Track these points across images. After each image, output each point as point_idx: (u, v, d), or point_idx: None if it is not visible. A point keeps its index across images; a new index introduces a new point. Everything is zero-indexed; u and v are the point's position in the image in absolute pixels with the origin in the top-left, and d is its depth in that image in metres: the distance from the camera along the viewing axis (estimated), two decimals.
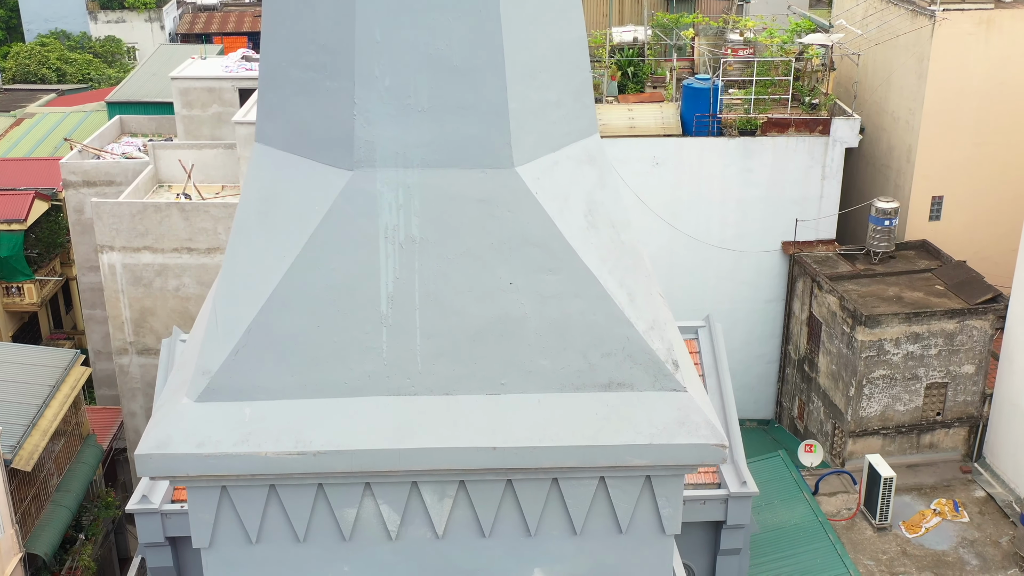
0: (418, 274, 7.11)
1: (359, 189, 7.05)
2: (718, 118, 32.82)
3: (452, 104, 7.01)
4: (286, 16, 7.24)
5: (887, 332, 30.20)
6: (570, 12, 7.50)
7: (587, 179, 7.57)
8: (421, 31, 6.89)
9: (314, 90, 7.16)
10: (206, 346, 7.18)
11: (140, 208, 33.60)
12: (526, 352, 7.22)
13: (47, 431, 31.01)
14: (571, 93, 7.55)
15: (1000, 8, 33.77)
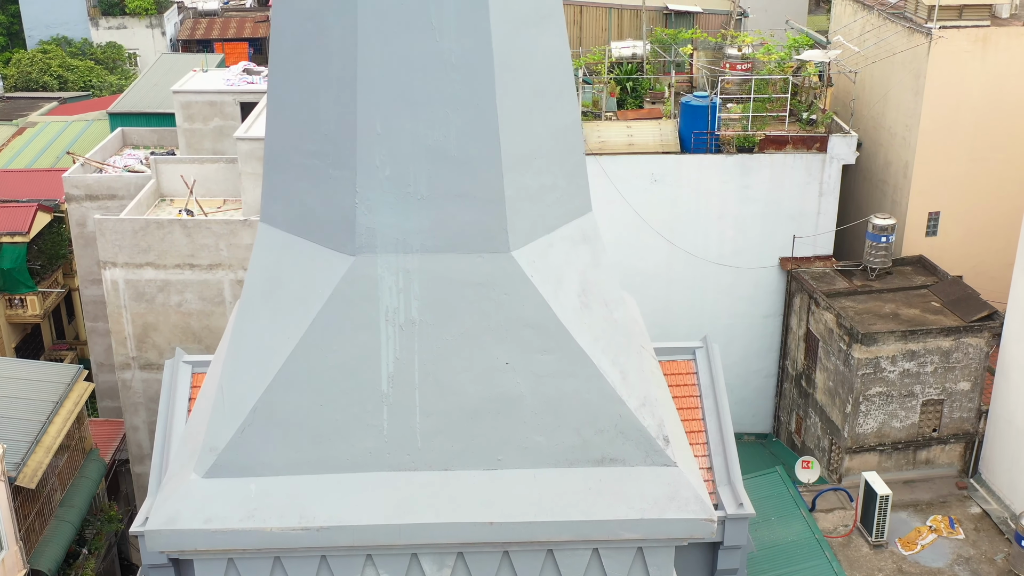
0: (418, 355, 7.37)
1: (361, 274, 7.31)
2: (716, 135, 33.06)
3: (450, 192, 7.27)
4: (290, 104, 7.50)
5: (883, 350, 30.45)
6: (564, 98, 7.76)
7: (581, 259, 7.83)
8: (420, 123, 7.15)
9: (317, 176, 7.42)
10: (213, 423, 7.44)
11: (143, 225, 33.84)
12: (522, 429, 7.48)
13: (51, 448, 31.26)
14: (565, 175, 7.81)
15: (996, 26, 33.99)
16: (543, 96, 7.55)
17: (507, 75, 7.20)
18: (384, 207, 7.25)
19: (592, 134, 33.40)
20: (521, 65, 7.30)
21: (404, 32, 7.01)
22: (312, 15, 7.20)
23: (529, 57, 7.37)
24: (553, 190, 7.70)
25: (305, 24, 7.26)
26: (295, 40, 7.34)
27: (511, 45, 7.19)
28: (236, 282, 34.42)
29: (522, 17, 7.27)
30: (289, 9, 7.34)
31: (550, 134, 7.63)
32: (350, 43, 7.04)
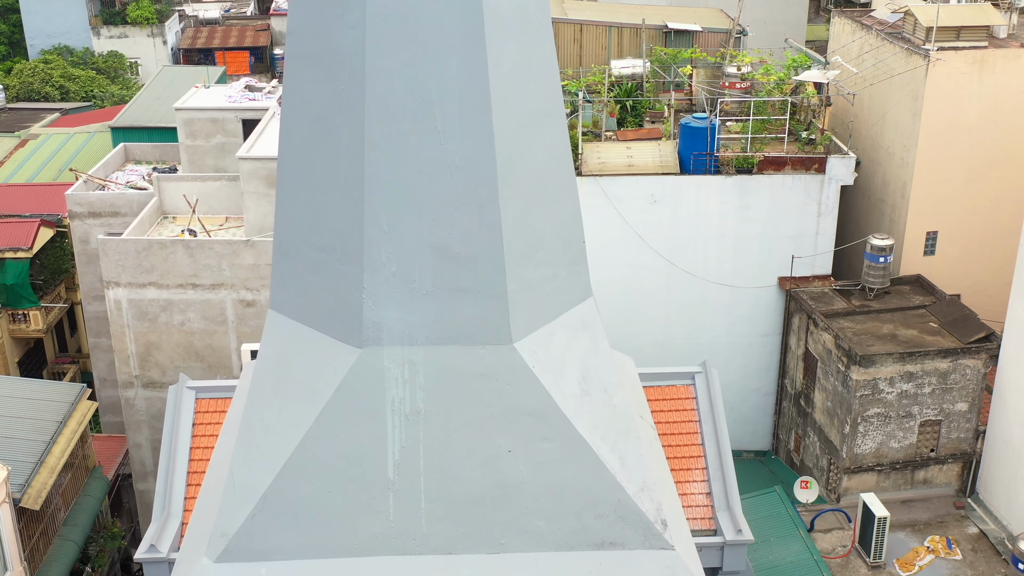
0: (423, 443, 7.60)
1: (368, 365, 7.54)
2: (715, 156, 33.28)
3: (454, 287, 7.51)
4: (299, 199, 7.73)
5: (881, 371, 30.68)
6: (565, 190, 7.99)
7: (581, 346, 8.06)
8: (425, 221, 7.38)
9: (325, 270, 7.65)
10: (224, 508, 7.67)
11: (145, 245, 34.08)
12: (524, 514, 7.71)
13: (55, 468, 31.50)
14: (566, 265, 8.04)
15: (994, 47, 34.22)
16: (544, 190, 7.78)
17: (509, 174, 7.43)
18: (390, 302, 7.48)
19: (592, 155, 33.63)
20: (523, 163, 7.53)
21: (410, 135, 7.24)
22: (320, 116, 7.43)
23: (530, 155, 7.60)
24: (554, 280, 7.93)
25: (313, 124, 7.49)
26: (303, 139, 7.56)
27: (513, 145, 7.42)
28: (238, 301, 34.67)
29: (524, 118, 7.50)
30: (298, 109, 7.57)
31: (551, 227, 7.86)
32: (357, 145, 7.27)
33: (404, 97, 7.18)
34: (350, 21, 7.11)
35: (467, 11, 7.07)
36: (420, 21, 7.07)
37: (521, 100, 7.46)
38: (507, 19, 7.27)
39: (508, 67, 7.31)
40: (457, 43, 7.12)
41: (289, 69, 7.58)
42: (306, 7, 7.34)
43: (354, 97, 7.21)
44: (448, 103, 7.19)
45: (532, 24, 7.48)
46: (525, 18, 7.42)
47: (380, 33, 7.08)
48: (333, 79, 7.29)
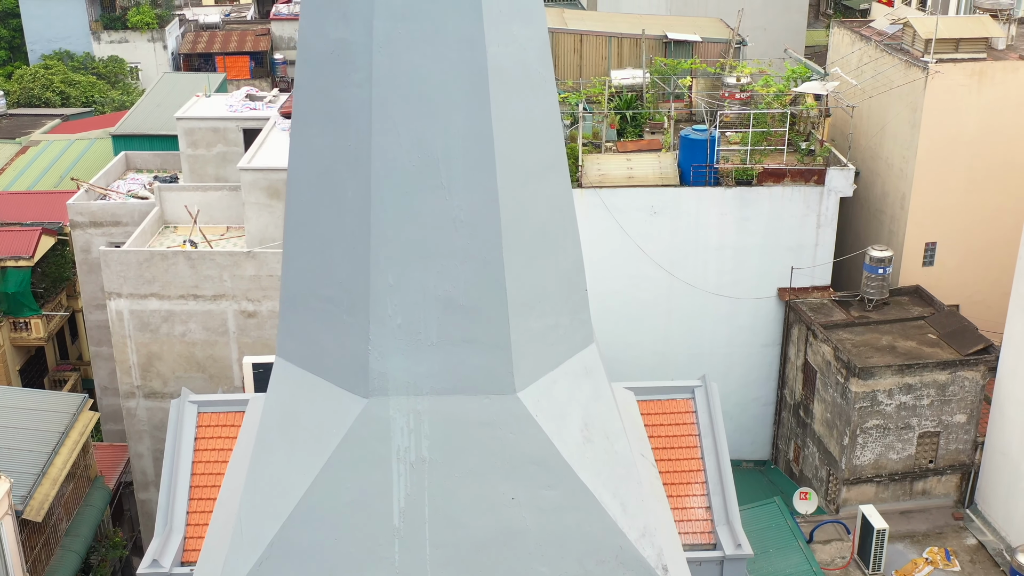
0: (427, 491, 7.72)
1: (374, 415, 7.66)
2: (715, 168, 33.41)
3: (458, 338, 7.63)
4: (306, 249, 7.86)
5: (880, 383, 30.80)
6: (568, 239, 8.11)
7: (583, 393, 8.18)
8: (430, 275, 7.51)
9: (332, 320, 7.77)
10: (231, 556, 7.79)
11: (147, 256, 34.21)
12: (527, 561, 7.83)
13: (57, 479, 31.62)
14: (569, 313, 8.16)
15: (992, 59, 34.35)
16: (547, 241, 7.90)
17: (513, 227, 7.55)
18: (396, 353, 7.60)
19: (592, 167, 33.76)
20: (526, 216, 7.65)
21: (415, 190, 7.36)
22: (327, 171, 7.55)
23: (533, 208, 7.73)
24: (556, 329, 8.05)
25: (320, 178, 7.61)
26: (311, 192, 7.68)
27: (516, 199, 7.55)
28: (239, 312, 34.80)
29: (527, 171, 7.63)
30: (305, 163, 7.69)
31: (554, 277, 7.98)
32: (364, 199, 7.39)
33: (410, 153, 7.30)
34: (356, 80, 7.23)
35: (472, 70, 7.20)
36: (425, 80, 7.19)
37: (524, 154, 7.58)
38: (511, 76, 7.39)
39: (512, 123, 7.43)
40: (462, 101, 7.24)
41: (296, 123, 7.71)
42: (313, 64, 7.46)
43: (361, 153, 7.34)
44: (453, 159, 7.32)
45: (535, 80, 7.60)
46: (528, 74, 7.54)
47: (386, 91, 7.20)
48: (340, 135, 7.41)
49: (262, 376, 29.26)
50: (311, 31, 7.43)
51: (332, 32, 7.29)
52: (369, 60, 7.16)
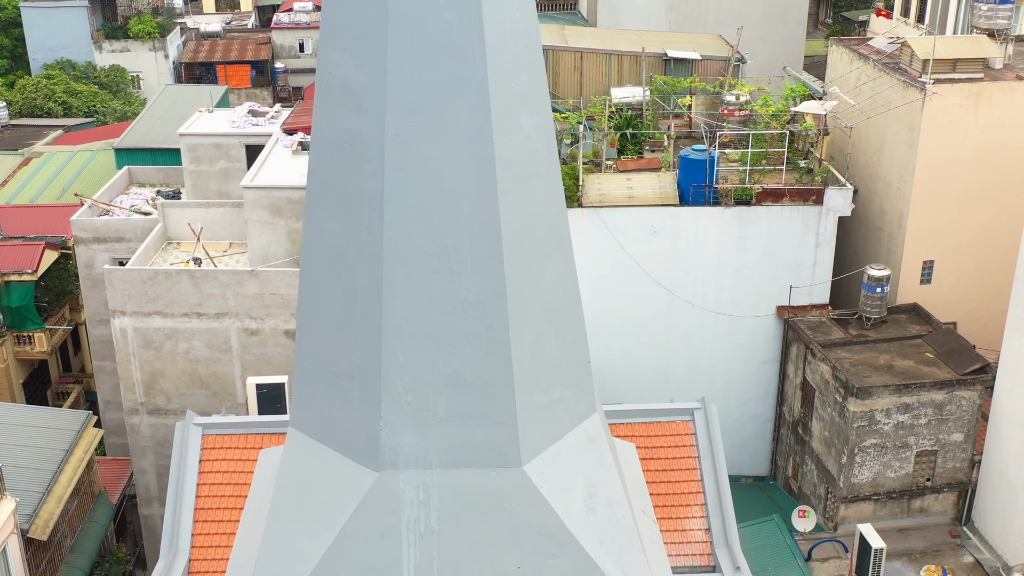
0: (436, 560, 8.01)
1: (385, 488, 7.95)
2: (714, 188, 33.69)
3: (466, 414, 7.91)
4: (320, 327, 8.13)
5: (878, 403, 31.09)
6: (572, 315, 8.39)
7: (587, 462, 8.46)
8: (440, 355, 7.79)
9: (344, 396, 8.05)
10: None
11: (151, 275, 34.49)
12: None
13: (62, 497, 31.88)
14: (572, 386, 8.44)
15: (990, 79, 34.63)
16: (552, 318, 8.18)
17: (519, 308, 7.83)
18: (406, 429, 7.88)
19: (592, 186, 34.04)
20: (532, 296, 7.93)
21: (425, 274, 7.64)
22: (340, 254, 7.83)
23: (539, 287, 8.01)
24: (561, 401, 8.33)
25: (334, 261, 7.88)
26: (324, 273, 7.96)
27: (523, 281, 7.83)
28: (242, 330, 35.07)
29: (533, 254, 7.91)
30: (319, 245, 7.97)
31: (559, 352, 8.26)
32: (376, 282, 7.67)
33: (420, 240, 7.58)
34: (369, 169, 7.51)
35: (480, 161, 7.48)
36: (436, 170, 7.47)
37: (530, 237, 7.86)
38: (517, 164, 7.67)
39: (518, 208, 7.71)
40: (471, 190, 7.52)
41: (310, 207, 7.98)
42: (327, 152, 7.74)
43: (373, 239, 7.62)
44: (462, 245, 7.60)
45: (540, 165, 7.89)
46: (534, 161, 7.82)
47: (398, 181, 7.49)
48: (353, 220, 7.69)
49: (266, 396, 29.53)
50: (325, 120, 7.71)
51: (346, 123, 7.57)
52: (381, 151, 7.45)
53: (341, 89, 7.54)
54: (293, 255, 36.17)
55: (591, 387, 8.68)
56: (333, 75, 7.57)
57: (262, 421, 27.31)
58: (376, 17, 7.27)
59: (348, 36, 7.44)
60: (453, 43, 7.29)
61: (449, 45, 7.29)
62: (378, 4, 7.24)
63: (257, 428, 26.94)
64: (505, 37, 7.44)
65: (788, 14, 57.55)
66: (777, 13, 57.36)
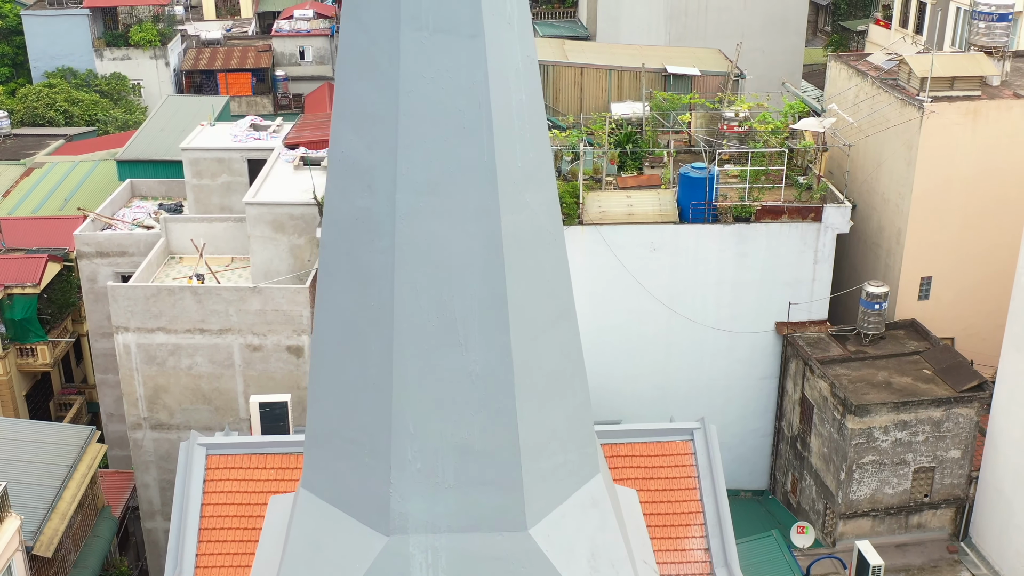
0: None
1: (394, 552, 8.18)
2: (714, 205, 33.93)
3: (474, 480, 8.15)
4: (331, 394, 8.37)
5: (876, 420, 31.34)
6: (576, 380, 8.62)
7: (590, 523, 8.70)
8: (448, 423, 8.03)
9: (355, 461, 8.29)
10: None
11: (154, 291, 34.73)
12: None
13: (66, 513, 32.11)
14: (576, 449, 8.68)
15: (987, 97, 34.88)
16: (557, 385, 8.42)
17: (525, 377, 8.07)
18: (415, 495, 8.12)
19: (593, 204, 34.28)
20: (538, 366, 8.17)
21: (434, 347, 7.87)
22: (351, 325, 8.06)
23: (545, 357, 8.24)
24: (565, 465, 8.57)
25: (345, 331, 8.12)
26: (336, 343, 8.20)
27: (529, 351, 8.06)
28: (245, 346, 35.31)
29: (539, 325, 8.14)
30: (331, 316, 8.20)
31: (563, 417, 8.50)
32: (386, 354, 7.90)
33: (430, 314, 7.82)
34: (380, 246, 7.75)
35: (488, 238, 7.72)
36: (445, 248, 7.71)
37: (536, 309, 8.10)
38: (524, 239, 7.91)
39: (524, 282, 7.95)
40: (479, 266, 7.76)
41: (323, 278, 8.22)
42: (339, 227, 7.98)
43: (384, 312, 7.85)
44: (469, 319, 7.83)
45: (546, 238, 8.13)
46: (540, 235, 8.06)
47: (408, 257, 7.72)
48: (364, 294, 7.93)
49: (269, 415, 29.77)
50: (337, 196, 7.95)
51: (358, 200, 7.81)
52: (392, 229, 7.68)
53: (353, 168, 7.78)
54: (295, 271, 36.43)
55: (594, 448, 8.91)
56: (345, 154, 7.81)
57: (266, 441, 27.56)
58: (387, 100, 7.50)
59: (360, 117, 7.68)
60: (462, 126, 7.52)
61: (458, 128, 7.53)
62: (389, 88, 7.48)
63: (261, 448, 27.18)
64: (512, 118, 7.68)
65: (787, 25, 57.76)
66: (776, 24, 57.56)
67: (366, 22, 7.47)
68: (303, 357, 35.27)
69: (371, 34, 7.47)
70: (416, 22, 7.32)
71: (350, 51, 7.63)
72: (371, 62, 7.52)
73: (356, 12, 7.53)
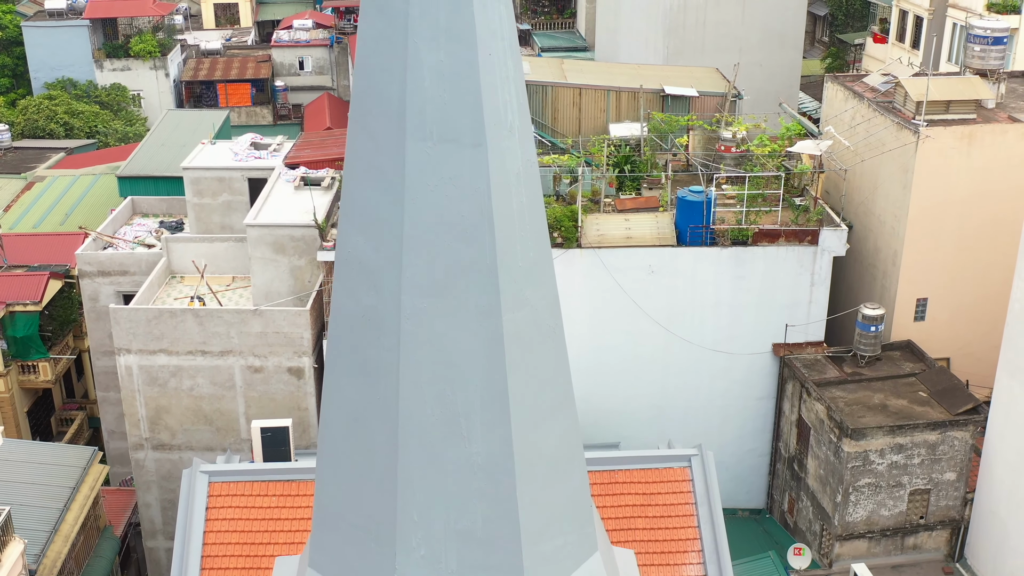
0: None
1: None
2: (711, 229, 34.22)
3: (476, 566, 8.42)
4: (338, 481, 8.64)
5: (872, 443, 31.62)
6: (575, 462, 8.90)
7: None
8: (451, 512, 8.30)
9: (361, 545, 8.56)
10: None
11: (156, 314, 34.98)
12: None
13: (69, 536, 32.37)
14: (576, 530, 8.95)
15: (982, 121, 35.16)
16: (556, 470, 8.69)
17: (525, 467, 8.34)
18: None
19: (591, 227, 34.56)
20: (538, 455, 8.44)
21: (438, 440, 8.15)
22: (358, 417, 8.33)
23: (544, 446, 8.51)
24: (565, 547, 8.84)
25: (352, 423, 8.39)
26: (343, 433, 8.47)
27: (529, 441, 8.34)
28: (246, 368, 35.56)
29: (539, 416, 8.41)
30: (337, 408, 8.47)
31: (562, 501, 8.77)
32: (391, 446, 8.18)
33: (433, 408, 8.09)
34: (386, 344, 8.02)
35: (489, 335, 7.99)
36: (448, 346, 7.98)
37: (536, 401, 8.37)
38: (524, 336, 8.18)
39: (525, 376, 8.22)
40: (481, 363, 8.03)
41: (330, 371, 8.49)
42: (346, 323, 8.25)
43: (389, 406, 8.13)
44: (472, 412, 8.11)
45: (545, 332, 8.40)
46: (540, 329, 8.33)
47: (412, 355, 8.00)
48: (370, 388, 8.20)
49: (270, 440, 30.02)
50: (344, 295, 8.22)
51: (364, 299, 8.09)
52: (397, 328, 7.96)
53: (360, 268, 8.05)
54: (296, 292, 36.68)
55: (592, 529, 9.18)
56: (352, 254, 8.08)
57: (267, 468, 27.83)
58: (393, 205, 7.78)
59: (367, 220, 7.95)
60: (465, 230, 7.80)
61: (461, 232, 7.80)
62: (395, 194, 7.75)
63: (263, 476, 27.45)
64: (513, 220, 7.95)
65: (785, 39, 57.97)
66: (774, 38, 57.77)
67: (373, 130, 7.75)
68: (304, 378, 35.55)
69: (377, 142, 7.76)
70: (421, 132, 7.60)
71: (358, 157, 7.91)
72: (378, 169, 7.80)
73: (363, 120, 7.81)
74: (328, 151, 42.94)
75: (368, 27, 7.60)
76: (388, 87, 7.58)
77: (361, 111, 7.79)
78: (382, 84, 7.61)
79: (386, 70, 7.57)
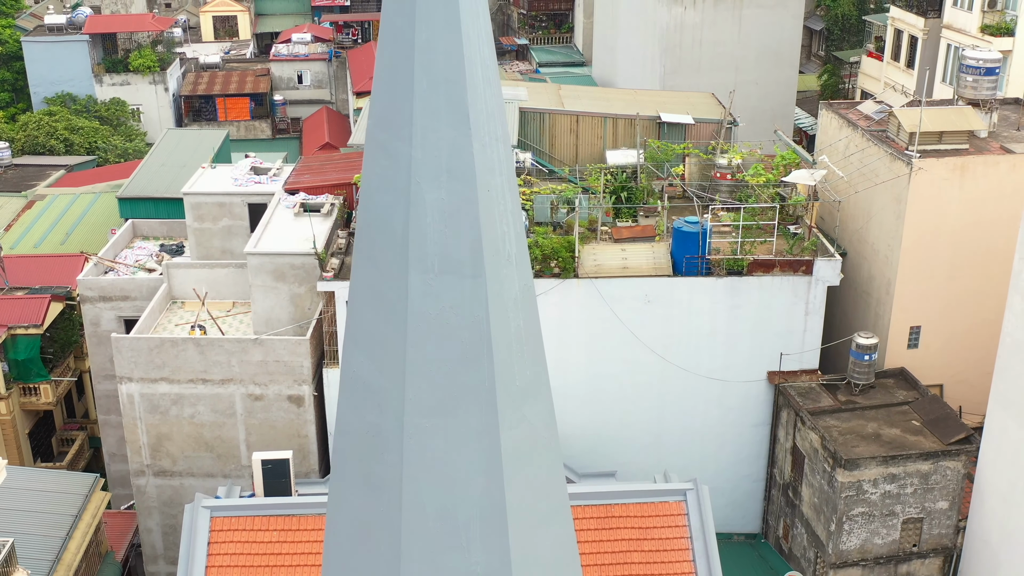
0: None
1: None
2: (707, 259, 34.62)
3: None
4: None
5: (866, 473, 32.02)
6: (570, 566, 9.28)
7: None
8: None
9: None
10: None
11: (158, 343, 35.36)
12: None
13: (71, 564, 32.72)
14: None
15: (974, 152, 35.60)
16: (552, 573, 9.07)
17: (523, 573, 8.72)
18: None
19: (588, 258, 34.96)
20: (535, 560, 8.80)
21: (439, 551, 8.53)
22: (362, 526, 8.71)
23: (541, 551, 8.89)
24: None
25: (357, 530, 8.77)
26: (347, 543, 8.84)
27: (526, 549, 8.71)
28: (247, 396, 35.93)
29: (535, 523, 8.79)
30: (342, 519, 8.85)
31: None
32: (394, 555, 8.55)
33: (435, 520, 8.46)
34: (389, 460, 8.40)
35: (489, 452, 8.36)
36: (449, 462, 8.36)
37: (533, 510, 8.75)
38: (522, 450, 8.55)
39: (522, 488, 8.59)
40: (480, 477, 8.40)
41: (335, 482, 8.86)
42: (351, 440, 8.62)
43: (392, 517, 8.50)
44: (471, 525, 8.48)
45: (543, 445, 8.77)
46: (537, 443, 8.70)
47: (415, 471, 8.37)
48: (374, 499, 8.57)
49: (271, 471, 30.40)
50: (349, 411, 8.60)
51: (368, 416, 8.46)
52: (400, 445, 8.33)
53: (364, 388, 8.42)
54: (296, 320, 37.05)
55: None
56: (357, 374, 8.46)
57: (268, 503, 28.26)
58: (396, 330, 8.16)
59: (371, 343, 8.33)
60: (465, 354, 8.17)
61: (461, 356, 8.18)
62: (398, 320, 8.13)
63: (264, 511, 27.87)
64: (511, 343, 8.33)
65: (781, 57, 58.47)
66: (770, 56, 58.27)
67: (378, 261, 8.13)
68: (304, 406, 35.93)
69: (381, 271, 8.13)
70: (423, 265, 7.97)
71: (362, 284, 8.29)
72: (381, 296, 8.18)
73: (368, 251, 8.18)
74: (327, 176, 43.33)
75: (373, 166, 7.99)
76: (392, 222, 7.97)
77: (366, 243, 8.16)
78: (386, 219, 7.99)
79: (390, 207, 7.96)
